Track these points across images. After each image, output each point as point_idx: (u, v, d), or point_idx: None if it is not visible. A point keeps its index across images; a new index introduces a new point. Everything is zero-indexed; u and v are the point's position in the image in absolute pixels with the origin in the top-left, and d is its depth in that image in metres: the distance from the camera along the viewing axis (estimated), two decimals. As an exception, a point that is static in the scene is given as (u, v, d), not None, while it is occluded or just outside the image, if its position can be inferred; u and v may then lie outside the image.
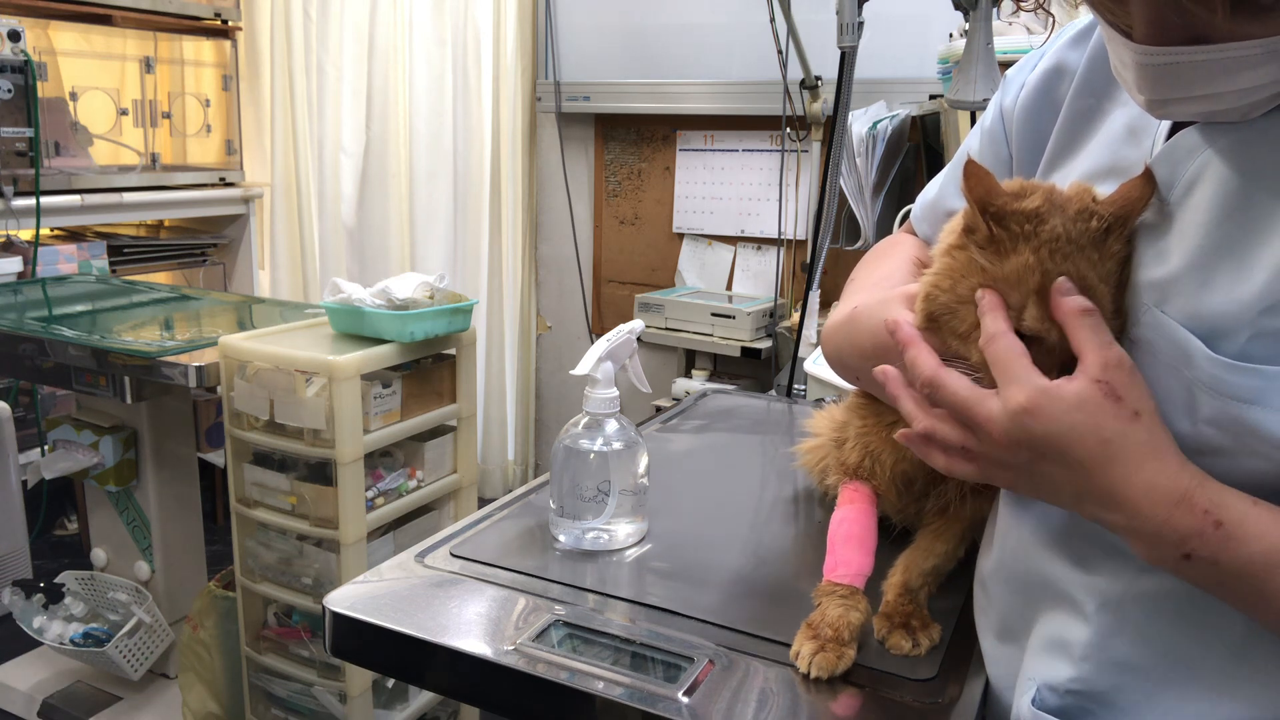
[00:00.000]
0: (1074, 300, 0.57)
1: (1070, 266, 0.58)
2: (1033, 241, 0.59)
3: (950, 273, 0.63)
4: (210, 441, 2.73)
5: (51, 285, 2.35)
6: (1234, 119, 0.56)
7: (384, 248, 3.21)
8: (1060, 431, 0.55)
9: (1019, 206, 0.60)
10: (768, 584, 0.88)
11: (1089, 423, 0.54)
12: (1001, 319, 0.58)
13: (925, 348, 0.62)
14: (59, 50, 2.67)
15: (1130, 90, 0.58)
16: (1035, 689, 0.65)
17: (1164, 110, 0.57)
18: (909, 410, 0.63)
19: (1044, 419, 0.55)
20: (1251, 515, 0.53)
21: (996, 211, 0.60)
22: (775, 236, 2.88)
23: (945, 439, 0.61)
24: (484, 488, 3.24)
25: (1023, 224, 0.59)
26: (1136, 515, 0.54)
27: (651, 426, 1.32)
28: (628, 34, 3.02)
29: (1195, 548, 0.53)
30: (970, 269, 0.62)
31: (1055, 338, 0.58)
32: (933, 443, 0.62)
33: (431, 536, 0.95)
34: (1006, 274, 0.60)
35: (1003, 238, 0.60)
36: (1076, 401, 0.54)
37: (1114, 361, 0.55)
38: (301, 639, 1.68)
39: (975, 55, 1.53)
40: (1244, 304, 0.53)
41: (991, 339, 0.58)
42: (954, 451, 0.61)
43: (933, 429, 0.61)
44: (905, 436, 0.64)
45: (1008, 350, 0.57)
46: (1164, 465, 0.54)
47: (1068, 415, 0.54)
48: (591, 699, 0.70)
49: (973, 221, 0.62)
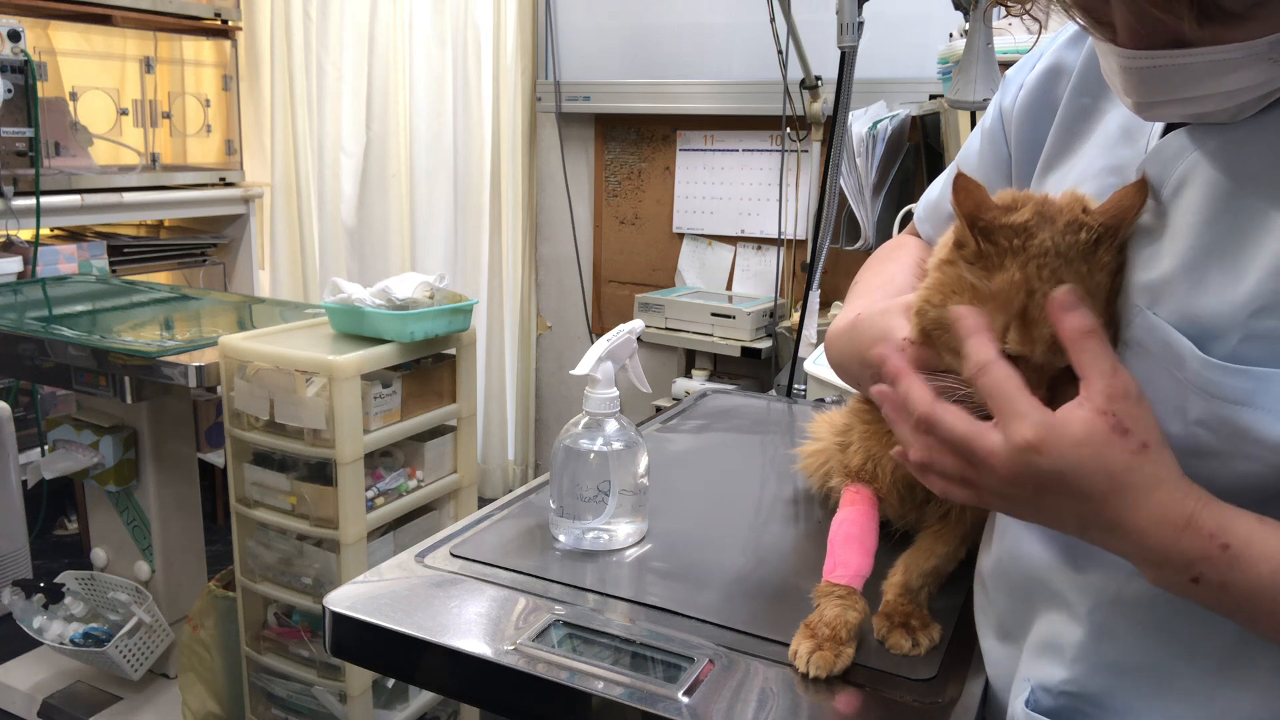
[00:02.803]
0: (1076, 318, 0.55)
1: (1057, 282, 0.57)
2: (1020, 257, 0.58)
3: (941, 288, 0.62)
4: (210, 441, 2.73)
5: (51, 285, 2.35)
6: (1224, 120, 0.55)
7: (384, 248, 3.21)
8: (1066, 468, 0.53)
9: (1008, 220, 0.59)
10: (768, 584, 0.88)
11: (1095, 458, 0.52)
12: (986, 344, 0.56)
13: (917, 381, 0.59)
14: (59, 50, 2.67)
15: (1119, 94, 0.58)
16: (1030, 690, 0.65)
17: (1151, 112, 0.57)
18: (904, 436, 0.61)
19: (1049, 455, 0.53)
20: (1258, 536, 0.52)
21: (985, 226, 0.59)
22: (775, 236, 2.88)
23: (943, 469, 0.59)
24: (484, 488, 3.24)
25: (1010, 238, 0.59)
26: (1143, 542, 0.53)
27: (651, 426, 1.32)
28: (628, 34, 3.02)
29: (1203, 571, 0.52)
30: (960, 285, 0.61)
31: (1040, 358, 0.57)
32: (930, 470, 0.60)
33: (431, 536, 0.95)
34: (993, 290, 0.59)
35: (990, 253, 0.59)
36: (1082, 437, 0.53)
37: (1120, 391, 0.53)
38: (301, 639, 1.68)
39: (975, 55, 1.53)
40: (1235, 306, 0.53)
41: (982, 369, 0.56)
42: (952, 479, 0.59)
43: (930, 459, 0.59)
44: (901, 456, 0.62)
45: (1003, 381, 0.55)
46: (1169, 493, 0.53)
47: (1074, 451, 0.53)
48: (591, 699, 0.70)
49: (962, 236, 0.61)
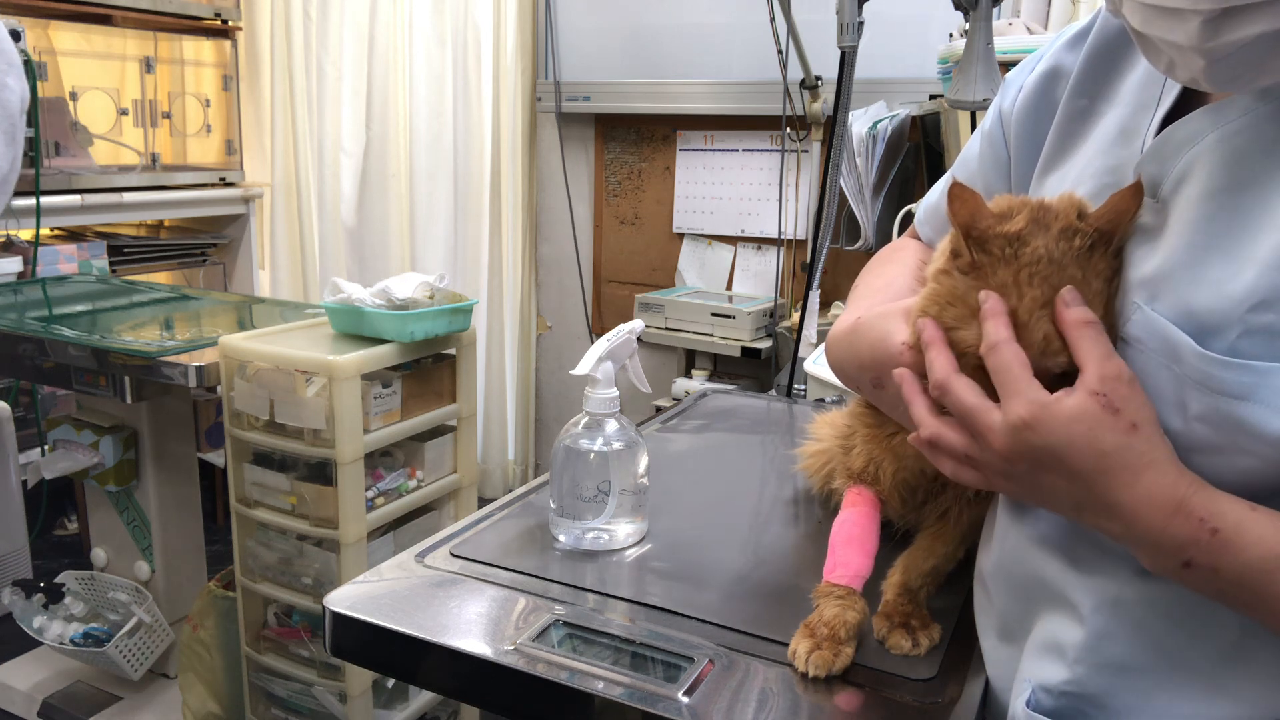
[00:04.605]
0: (1076, 311, 0.57)
1: (1049, 288, 0.58)
2: (1013, 266, 0.59)
3: (937, 298, 0.63)
4: (210, 441, 2.73)
5: (51, 285, 2.35)
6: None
7: (384, 248, 3.21)
8: (1058, 444, 0.55)
9: (1002, 229, 0.60)
10: (768, 584, 0.88)
11: (1086, 435, 0.55)
12: (1003, 325, 0.58)
13: (946, 352, 0.62)
14: (59, 50, 2.66)
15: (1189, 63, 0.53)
16: (1030, 690, 0.65)
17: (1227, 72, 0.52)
18: (919, 414, 0.64)
19: (1042, 432, 0.56)
20: (1248, 521, 0.53)
21: (979, 235, 0.60)
22: (775, 236, 2.88)
23: (950, 445, 0.61)
24: (484, 488, 3.24)
25: (1004, 247, 0.59)
26: (1135, 524, 0.55)
27: (651, 426, 1.32)
28: (628, 34, 3.02)
29: (1194, 555, 0.54)
30: (954, 295, 0.62)
31: (1034, 361, 0.58)
32: (939, 448, 0.63)
33: (431, 536, 0.95)
34: None
35: (984, 263, 0.60)
36: (1074, 414, 0.55)
37: (1113, 374, 0.55)
38: (301, 639, 1.68)
39: (975, 55, 1.53)
40: (1234, 300, 0.53)
41: (993, 347, 0.58)
42: (959, 458, 0.62)
43: (939, 435, 0.62)
44: (915, 440, 0.65)
45: (1010, 360, 0.57)
46: (1161, 475, 0.54)
47: (1065, 428, 0.55)
48: (591, 699, 0.70)
49: (958, 245, 0.62)
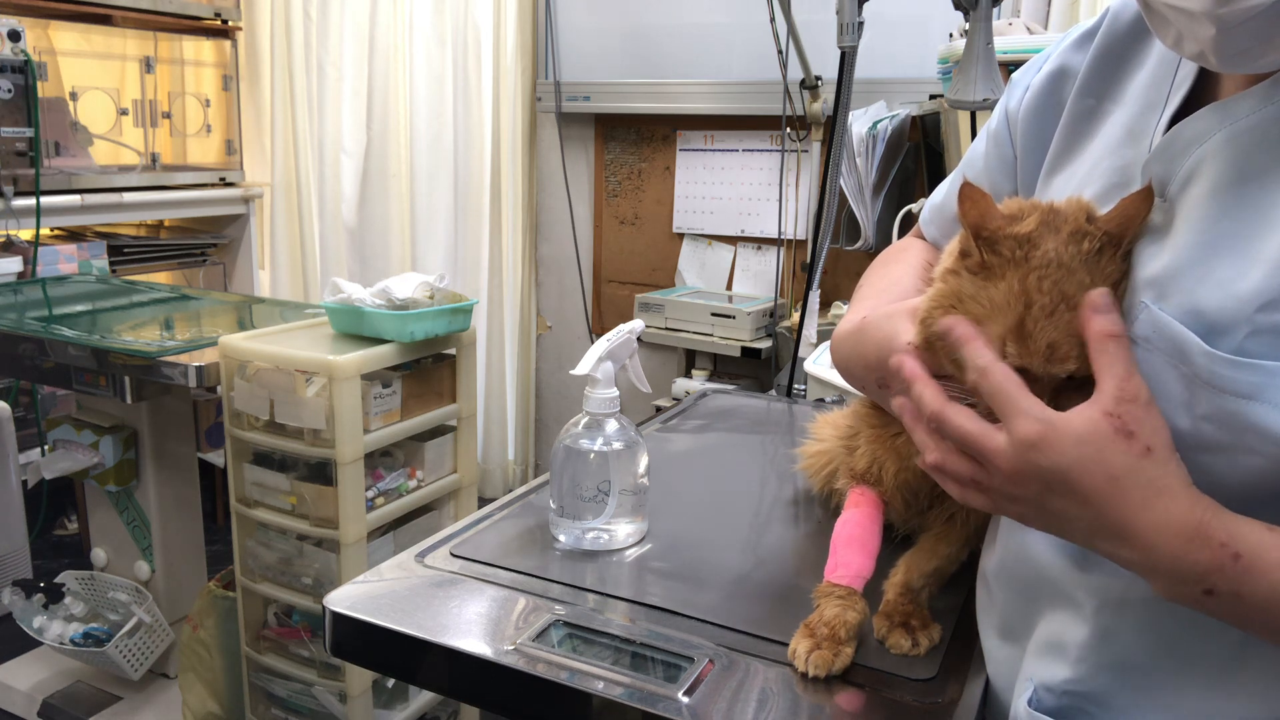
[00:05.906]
0: (1106, 321, 0.55)
1: (1057, 293, 0.57)
2: (1022, 268, 0.58)
3: (944, 298, 0.62)
4: (210, 441, 2.73)
5: (51, 285, 2.35)
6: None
7: (384, 248, 3.21)
8: (1066, 465, 0.53)
9: (1012, 231, 0.59)
10: (768, 584, 0.88)
11: (1096, 457, 0.53)
12: (981, 349, 0.57)
13: (931, 383, 0.61)
14: (59, 50, 2.67)
15: (1201, 46, 0.53)
16: (1033, 689, 0.65)
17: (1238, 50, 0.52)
18: (921, 441, 0.63)
19: (1051, 452, 0.53)
20: (1268, 543, 0.51)
21: (989, 236, 0.59)
22: (775, 236, 2.88)
23: (956, 472, 0.60)
24: (484, 488, 3.24)
25: (1014, 249, 0.59)
26: (1151, 552, 0.53)
27: (651, 426, 1.32)
28: (628, 34, 3.02)
29: (1216, 583, 0.52)
30: (962, 296, 0.61)
31: (1039, 368, 0.57)
32: (944, 474, 0.61)
33: (431, 536, 0.95)
34: (994, 301, 0.59)
35: (994, 264, 0.59)
36: (1084, 434, 0.53)
37: (1130, 395, 0.53)
38: (301, 639, 1.68)
39: (975, 55, 1.53)
40: (1242, 300, 0.53)
41: (982, 374, 0.56)
42: (966, 483, 0.60)
43: (943, 462, 0.60)
44: (922, 464, 0.63)
45: (1004, 382, 0.55)
46: (1176, 501, 0.52)
47: (1074, 449, 0.53)
48: (591, 699, 0.70)
49: (967, 246, 0.61)
